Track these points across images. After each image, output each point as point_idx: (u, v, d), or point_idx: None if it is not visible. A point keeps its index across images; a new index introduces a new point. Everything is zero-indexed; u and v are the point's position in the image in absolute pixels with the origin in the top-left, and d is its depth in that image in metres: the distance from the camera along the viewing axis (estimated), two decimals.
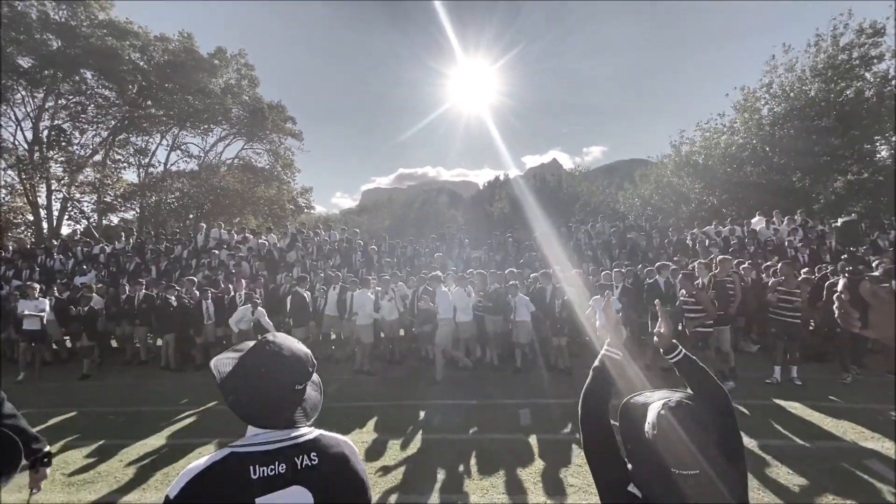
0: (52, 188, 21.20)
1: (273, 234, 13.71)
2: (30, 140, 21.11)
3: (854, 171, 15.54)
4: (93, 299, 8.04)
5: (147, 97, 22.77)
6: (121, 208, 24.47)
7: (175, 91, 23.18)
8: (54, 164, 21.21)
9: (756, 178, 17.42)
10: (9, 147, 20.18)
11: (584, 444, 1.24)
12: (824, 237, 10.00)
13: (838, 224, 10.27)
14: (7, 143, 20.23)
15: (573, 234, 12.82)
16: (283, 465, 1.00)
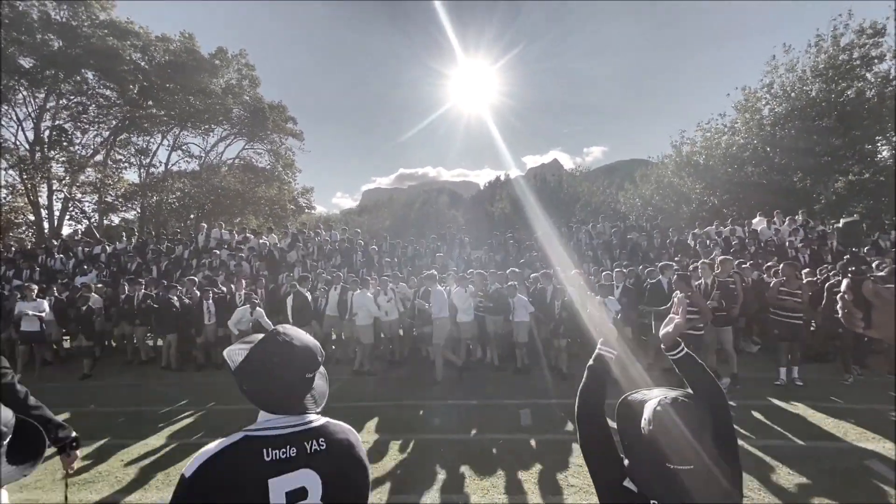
0: (54, 188, 21.26)
1: (274, 234, 13.72)
2: (31, 140, 21.19)
3: (855, 172, 15.53)
4: (91, 299, 8.04)
5: (148, 97, 22.81)
6: (122, 208, 24.55)
7: (176, 91, 23.21)
8: (55, 164, 21.26)
9: (757, 179, 17.41)
10: (10, 147, 20.22)
11: (581, 441, 1.26)
12: (825, 237, 9.98)
13: (840, 224, 10.24)
14: (8, 143, 20.28)
15: (574, 234, 12.81)
16: (293, 448, 1.05)
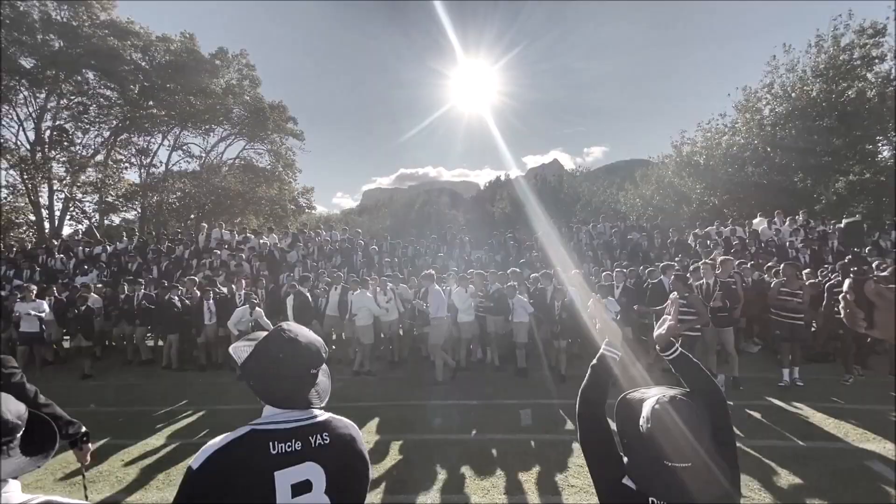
0: (54, 188, 21.28)
1: (274, 234, 13.71)
2: (32, 140, 21.20)
3: (856, 172, 15.50)
4: (90, 299, 8.03)
5: (149, 97, 22.82)
6: (122, 208, 24.59)
7: (176, 91, 23.23)
8: (56, 164, 21.30)
9: (757, 179, 17.40)
10: (11, 147, 20.24)
11: (581, 439, 1.27)
12: (826, 237, 9.96)
13: (842, 224, 10.22)
14: (9, 143, 20.30)
15: (574, 234, 12.81)
16: (298, 442, 1.09)
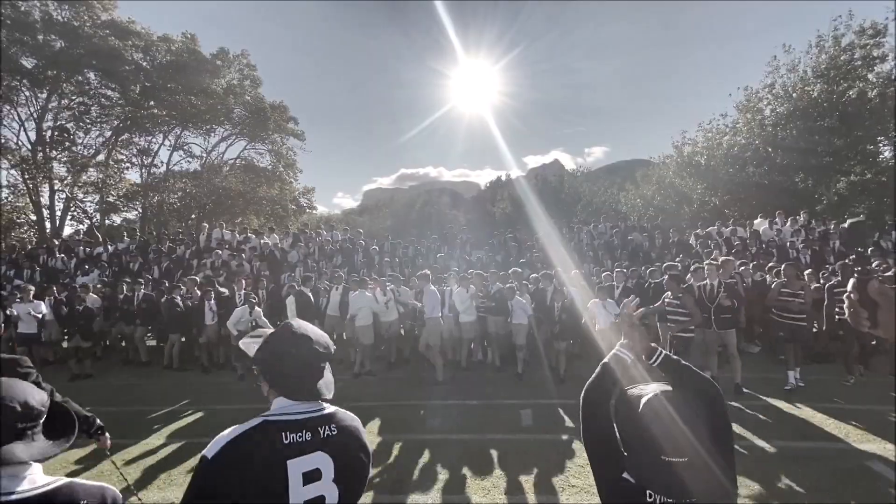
0: (56, 188, 21.28)
1: (275, 234, 13.71)
2: (33, 140, 21.21)
3: (857, 172, 15.46)
4: (88, 299, 8.01)
5: (150, 97, 22.82)
6: (123, 208, 24.58)
7: (178, 91, 23.24)
8: (57, 165, 21.31)
9: (758, 179, 17.35)
10: (12, 147, 20.26)
11: (584, 434, 1.29)
12: (828, 238, 9.94)
13: (846, 225, 10.19)
14: (10, 143, 20.32)
15: (575, 234, 12.81)
16: (308, 433, 1.14)
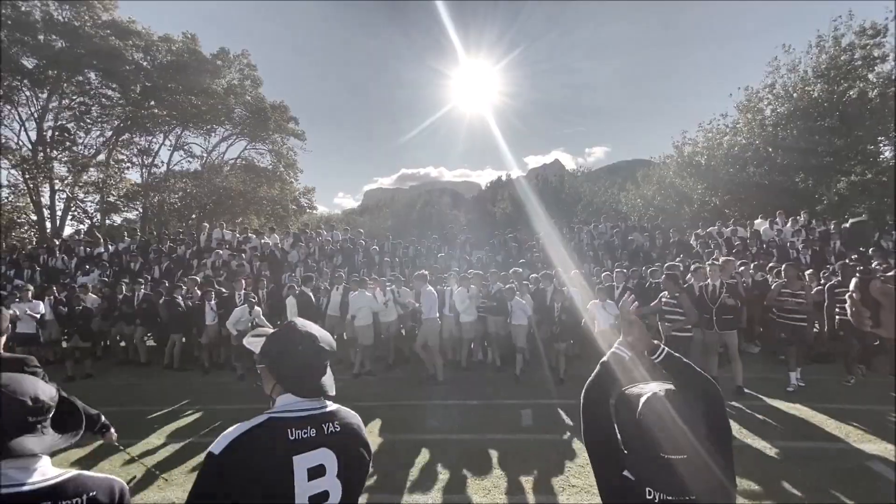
0: (56, 188, 21.31)
1: (276, 234, 13.71)
2: (34, 140, 21.23)
3: (858, 172, 15.44)
4: (87, 299, 8.00)
5: (150, 97, 22.85)
6: (124, 208, 24.60)
7: (178, 91, 23.26)
8: (58, 164, 21.34)
9: (759, 179, 17.34)
10: (13, 147, 20.28)
11: (584, 433, 1.30)
12: (828, 238, 9.92)
13: (848, 225, 10.18)
14: (11, 142, 20.34)
15: (575, 234, 12.80)
16: (313, 429, 1.17)
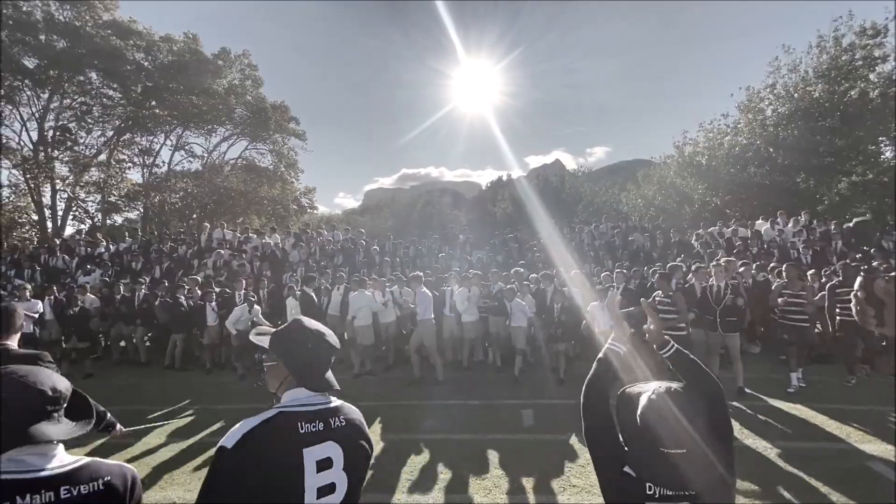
0: (57, 188, 21.34)
1: (276, 234, 13.71)
2: (35, 140, 21.26)
3: (859, 172, 15.41)
4: (86, 300, 8.00)
5: (151, 97, 22.89)
6: (125, 208, 24.64)
7: (179, 91, 23.29)
8: (59, 164, 21.39)
9: (760, 179, 17.30)
10: (14, 147, 20.31)
11: (585, 430, 1.32)
12: (829, 238, 9.90)
13: (852, 224, 10.16)
14: (12, 142, 20.37)
15: (576, 234, 12.78)
16: (321, 423, 1.22)
